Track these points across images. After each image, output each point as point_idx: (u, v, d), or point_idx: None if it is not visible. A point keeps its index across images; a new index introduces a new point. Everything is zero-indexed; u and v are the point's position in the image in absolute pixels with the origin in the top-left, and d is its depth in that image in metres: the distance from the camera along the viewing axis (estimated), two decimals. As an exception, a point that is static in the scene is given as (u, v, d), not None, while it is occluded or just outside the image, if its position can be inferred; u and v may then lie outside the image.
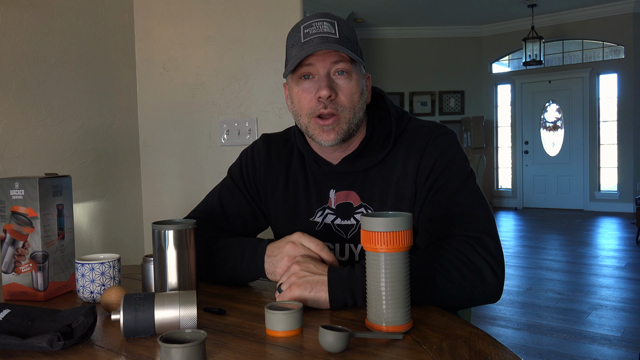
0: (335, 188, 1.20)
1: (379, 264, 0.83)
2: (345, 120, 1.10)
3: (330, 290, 0.94)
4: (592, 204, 8.53)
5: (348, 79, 1.10)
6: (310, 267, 0.97)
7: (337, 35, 1.08)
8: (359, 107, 1.12)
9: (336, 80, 1.10)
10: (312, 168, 1.23)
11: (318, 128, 1.11)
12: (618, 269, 4.76)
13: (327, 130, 1.10)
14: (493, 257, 1.01)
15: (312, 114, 1.11)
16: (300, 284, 0.95)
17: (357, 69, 1.12)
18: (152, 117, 2.27)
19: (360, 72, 1.14)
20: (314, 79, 1.10)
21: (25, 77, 1.80)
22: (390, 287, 0.83)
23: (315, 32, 1.09)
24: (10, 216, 1.10)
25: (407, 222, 0.83)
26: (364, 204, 1.17)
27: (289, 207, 1.24)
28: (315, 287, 0.95)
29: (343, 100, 1.10)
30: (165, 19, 2.24)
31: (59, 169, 1.89)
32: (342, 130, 1.11)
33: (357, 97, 1.11)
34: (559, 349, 2.94)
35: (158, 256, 0.99)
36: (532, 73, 8.95)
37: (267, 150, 1.29)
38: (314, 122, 1.11)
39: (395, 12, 8.02)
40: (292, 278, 0.96)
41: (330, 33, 1.08)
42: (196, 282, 1.02)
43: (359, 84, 1.12)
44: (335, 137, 1.10)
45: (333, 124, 1.09)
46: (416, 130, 1.17)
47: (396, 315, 0.83)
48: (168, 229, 0.98)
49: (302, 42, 1.09)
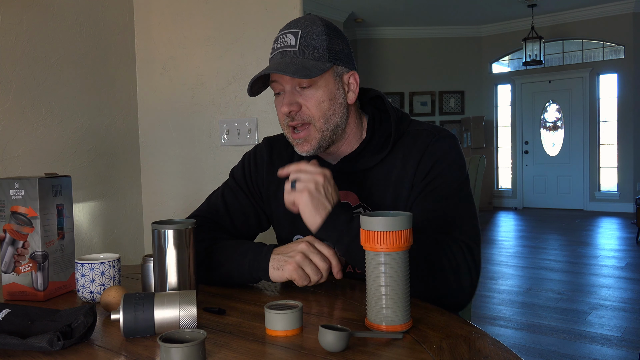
0: None
1: (378, 263, 0.83)
2: (317, 130, 1.13)
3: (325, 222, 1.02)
4: (592, 204, 8.53)
5: (313, 89, 1.11)
6: (329, 190, 1.04)
7: (296, 47, 1.10)
8: (331, 113, 1.13)
9: (301, 92, 1.12)
10: None
11: (293, 141, 1.16)
12: (618, 269, 4.76)
13: (300, 143, 1.15)
14: (475, 266, 1.03)
15: (286, 126, 1.15)
16: (313, 196, 1.01)
17: (326, 75, 1.12)
18: (152, 117, 2.27)
19: (331, 77, 1.13)
20: (282, 94, 1.14)
21: (25, 77, 1.80)
22: (390, 287, 0.83)
23: (278, 47, 1.13)
24: (10, 216, 1.10)
25: (407, 222, 0.83)
26: (362, 204, 1.18)
27: None
28: (318, 209, 1.02)
29: (310, 111, 1.12)
30: (165, 18, 2.24)
31: (58, 169, 1.89)
32: (316, 140, 1.13)
33: (326, 105, 1.12)
34: (559, 349, 2.94)
35: (158, 256, 0.99)
36: (532, 73, 8.95)
37: (270, 152, 1.31)
38: (290, 135, 1.17)
39: (395, 12, 8.01)
40: (311, 185, 1.02)
41: (290, 46, 1.11)
42: (196, 282, 1.02)
43: (328, 91, 1.12)
44: (310, 149, 1.14)
45: (305, 135, 1.13)
46: (417, 134, 1.18)
47: (396, 315, 0.83)
48: (167, 228, 0.98)
49: (270, 57, 1.14)
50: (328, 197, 1.03)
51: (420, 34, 9.08)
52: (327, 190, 1.03)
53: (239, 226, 1.29)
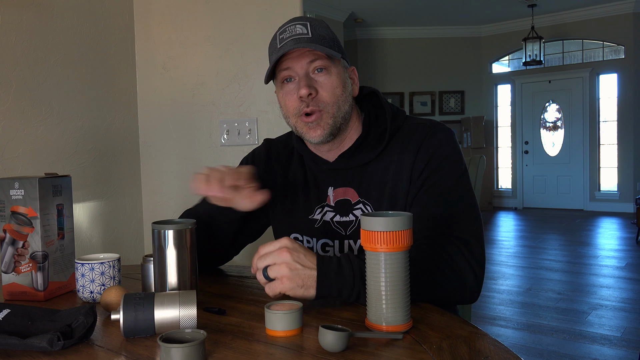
0: (333, 185, 1.21)
1: (379, 263, 0.83)
2: (330, 115, 1.13)
3: (319, 288, 0.92)
4: (592, 204, 8.53)
5: (327, 74, 1.12)
6: (301, 259, 0.92)
7: (309, 35, 1.11)
8: (343, 100, 1.14)
9: (315, 78, 1.12)
10: (311, 167, 1.26)
11: (305, 126, 1.14)
12: (618, 269, 4.76)
13: (312, 127, 1.13)
14: (477, 261, 1.04)
15: (298, 114, 1.14)
16: (292, 278, 0.91)
17: (336, 64, 1.14)
18: (152, 117, 2.27)
19: (341, 66, 1.15)
20: (295, 81, 1.13)
21: (25, 77, 1.80)
22: (390, 287, 0.83)
23: (288, 36, 1.12)
24: (10, 216, 1.10)
25: (407, 222, 0.83)
26: (362, 200, 1.18)
27: (287, 207, 1.27)
28: (306, 283, 0.91)
29: (325, 96, 1.12)
30: (165, 19, 2.24)
31: (58, 169, 1.89)
32: (328, 125, 1.13)
33: (339, 90, 1.13)
34: (559, 349, 2.94)
35: (158, 256, 0.99)
36: (532, 73, 8.94)
37: (267, 154, 1.33)
38: (301, 121, 1.14)
39: (395, 12, 8.01)
40: (284, 268, 0.91)
41: (302, 34, 1.11)
42: (196, 282, 1.02)
43: (341, 78, 1.14)
44: (322, 133, 1.13)
45: (317, 119, 1.12)
46: (413, 128, 1.19)
47: (396, 315, 0.83)
48: (167, 228, 0.98)
49: (278, 48, 1.12)
50: (307, 265, 0.92)
51: (420, 34, 9.08)
52: (301, 260, 0.92)
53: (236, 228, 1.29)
